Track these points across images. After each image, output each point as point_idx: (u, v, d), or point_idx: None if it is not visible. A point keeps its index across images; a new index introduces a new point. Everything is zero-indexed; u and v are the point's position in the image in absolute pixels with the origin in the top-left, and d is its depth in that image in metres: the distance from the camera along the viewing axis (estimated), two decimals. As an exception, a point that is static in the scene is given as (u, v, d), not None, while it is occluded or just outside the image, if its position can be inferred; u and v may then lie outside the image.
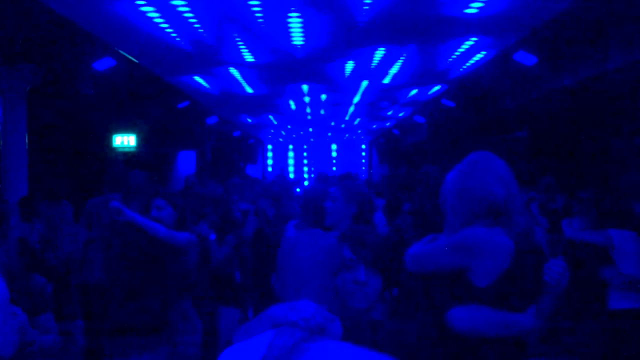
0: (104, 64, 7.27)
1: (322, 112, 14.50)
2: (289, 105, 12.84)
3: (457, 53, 7.65)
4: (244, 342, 1.42)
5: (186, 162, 16.06)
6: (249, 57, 7.98)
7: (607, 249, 3.87)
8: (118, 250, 3.55)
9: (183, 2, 5.31)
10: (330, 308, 1.50)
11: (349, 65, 8.54)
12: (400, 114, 14.92)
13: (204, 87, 10.09)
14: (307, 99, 12.17)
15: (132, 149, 12.54)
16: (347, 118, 15.47)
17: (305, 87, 10.70)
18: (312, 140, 22.80)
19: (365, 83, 10.13)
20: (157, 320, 3.45)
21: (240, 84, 10.04)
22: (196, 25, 6.07)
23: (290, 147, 24.14)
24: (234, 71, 8.75)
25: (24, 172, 7.55)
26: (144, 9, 5.46)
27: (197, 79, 9.42)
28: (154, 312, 3.44)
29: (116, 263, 3.58)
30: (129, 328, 3.43)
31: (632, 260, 3.83)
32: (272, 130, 20.62)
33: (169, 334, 3.53)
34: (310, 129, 18.51)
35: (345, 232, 1.82)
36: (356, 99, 12.27)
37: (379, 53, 7.71)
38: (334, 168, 23.34)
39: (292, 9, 5.57)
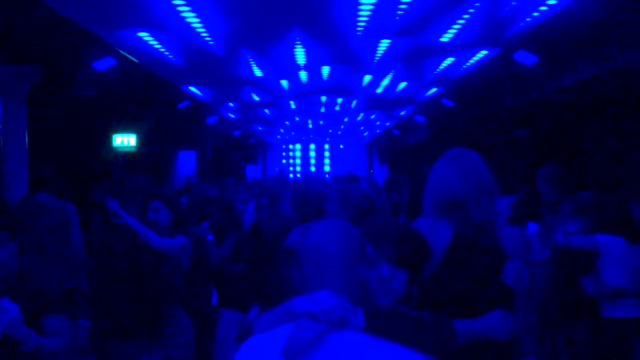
0: (104, 63, 7.27)
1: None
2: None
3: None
4: (264, 334, 1.40)
5: (186, 161, 16.05)
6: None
7: (593, 255, 3.77)
8: (112, 253, 3.60)
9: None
10: (352, 298, 1.48)
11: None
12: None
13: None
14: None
15: (132, 149, 12.54)
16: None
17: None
18: (311, 137, 22.69)
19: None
20: (148, 323, 3.48)
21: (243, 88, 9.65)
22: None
23: (291, 146, 24.16)
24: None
25: (24, 172, 7.55)
26: None
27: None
28: (145, 315, 3.47)
29: (109, 266, 3.62)
30: (119, 331, 3.46)
31: (616, 267, 3.70)
32: (278, 137, 20.54)
33: (159, 336, 3.55)
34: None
35: (367, 228, 1.78)
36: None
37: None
38: (327, 168, 23.40)
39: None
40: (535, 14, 5.84)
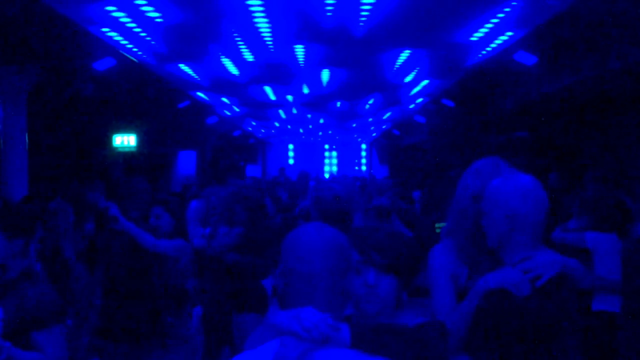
0: (104, 64, 7.27)
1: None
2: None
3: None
4: (251, 352, 1.41)
5: (186, 162, 16.06)
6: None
7: (587, 252, 3.79)
8: (113, 257, 3.62)
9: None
10: (340, 312, 1.45)
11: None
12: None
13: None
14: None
15: (132, 149, 12.53)
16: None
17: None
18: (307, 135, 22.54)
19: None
20: (147, 326, 3.49)
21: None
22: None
23: (291, 146, 24.11)
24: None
25: (24, 172, 7.55)
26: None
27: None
28: (143, 319, 3.48)
29: (112, 269, 3.63)
30: (119, 334, 3.47)
31: (608, 262, 3.73)
32: (273, 131, 20.44)
33: (159, 343, 3.56)
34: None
35: (353, 233, 1.69)
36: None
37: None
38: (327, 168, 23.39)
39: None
40: (535, 15, 5.84)
